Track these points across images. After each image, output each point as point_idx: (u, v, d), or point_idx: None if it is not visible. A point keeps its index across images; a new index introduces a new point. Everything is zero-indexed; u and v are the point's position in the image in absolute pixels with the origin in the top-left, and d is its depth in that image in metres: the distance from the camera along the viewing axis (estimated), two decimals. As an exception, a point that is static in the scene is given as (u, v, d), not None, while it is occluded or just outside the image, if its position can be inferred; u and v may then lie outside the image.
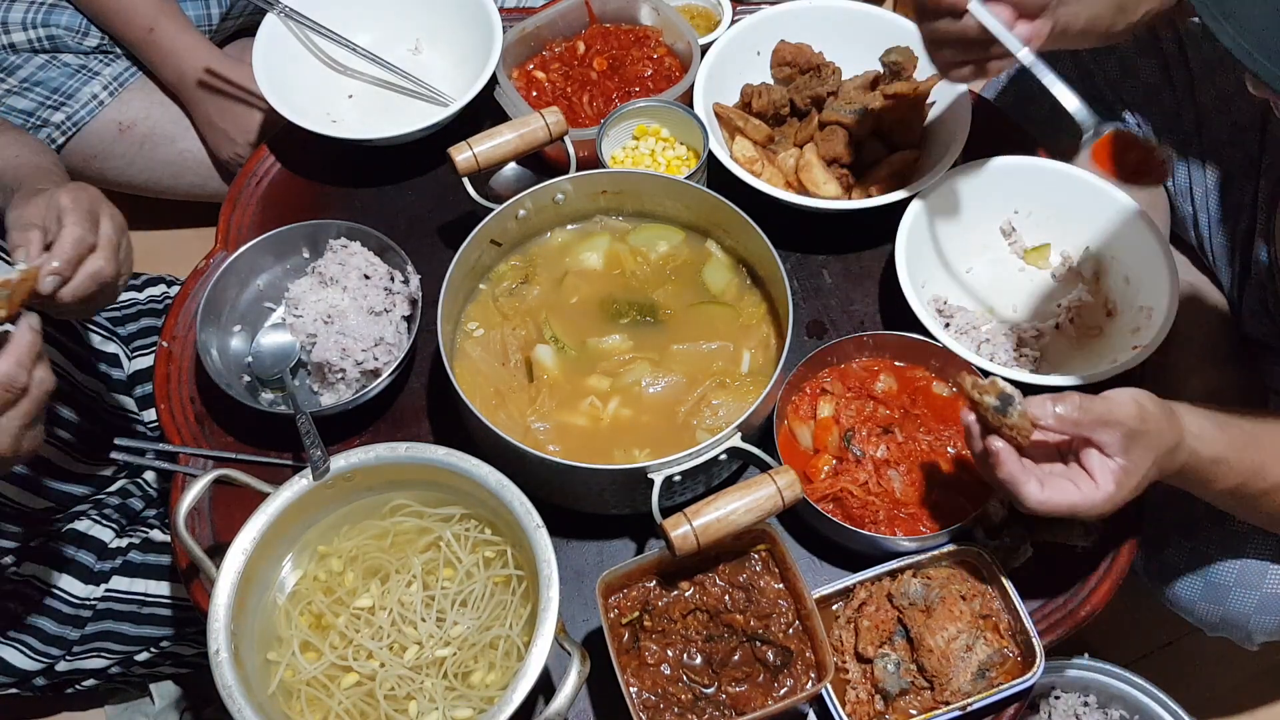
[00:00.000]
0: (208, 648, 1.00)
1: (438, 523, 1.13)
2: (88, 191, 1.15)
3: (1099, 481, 1.02)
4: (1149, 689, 1.50)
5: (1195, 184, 1.55)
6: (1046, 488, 1.03)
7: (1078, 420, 1.02)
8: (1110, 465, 1.02)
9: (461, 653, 1.06)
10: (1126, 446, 1.02)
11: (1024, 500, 1.03)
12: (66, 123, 1.84)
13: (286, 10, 1.56)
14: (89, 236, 1.11)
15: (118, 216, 1.17)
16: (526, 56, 1.57)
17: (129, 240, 1.19)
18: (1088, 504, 1.02)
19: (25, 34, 1.82)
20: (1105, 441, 1.02)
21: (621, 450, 1.19)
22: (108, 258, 1.13)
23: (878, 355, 1.28)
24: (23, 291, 1.06)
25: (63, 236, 1.09)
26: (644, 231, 1.34)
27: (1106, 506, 1.03)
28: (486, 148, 1.30)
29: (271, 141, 1.56)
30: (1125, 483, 1.02)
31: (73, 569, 1.43)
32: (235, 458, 1.28)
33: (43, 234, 1.10)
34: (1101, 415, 1.01)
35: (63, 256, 1.09)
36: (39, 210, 1.12)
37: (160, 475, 1.54)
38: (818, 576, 1.20)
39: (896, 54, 1.47)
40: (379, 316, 1.31)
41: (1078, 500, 1.02)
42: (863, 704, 1.11)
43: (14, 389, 0.99)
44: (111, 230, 1.14)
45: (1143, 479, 1.04)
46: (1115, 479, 1.02)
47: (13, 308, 1.06)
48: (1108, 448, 1.02)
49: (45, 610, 1.42)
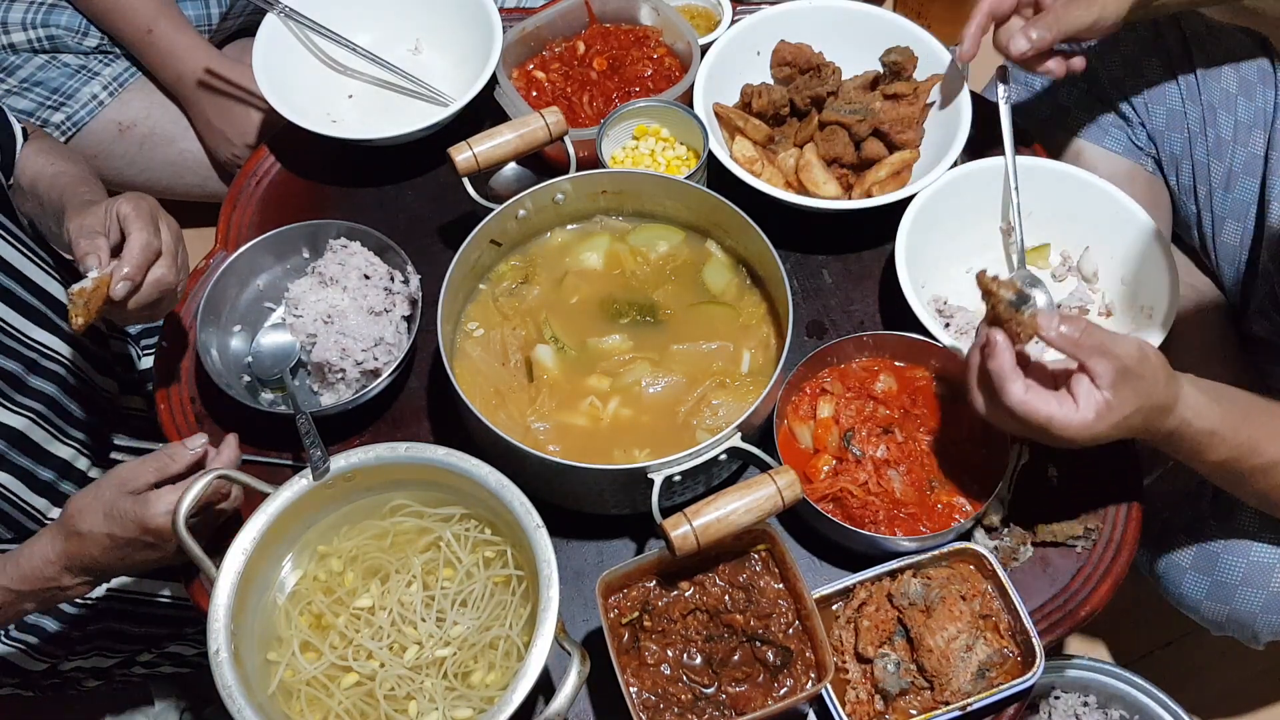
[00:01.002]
0: (208, 648, 1.00)
1: (438, 523, 1.13)
2: (147, 200, 1.18)
3: (1080, 406, 1.02)
4: (1149, 689, 1.50)
5: (1199, 183, 1.55)
6: (1030, 392, 1.03)
7: (1077, 341, 1.02)
8: (1096, 395, 1.02)
9: (461, 653, 1.06)
10: (1116, 382, 1.02)
11: (1007, 395, 1.03)
12: (66, 123, 1.84)
13: (286, 10, 1.56)
14: (155, 242, 1.14)
15: (174, 225, 1.20)
16: (526, 56, 1.57)
17: (185, 248, 1.22)
18: (1063, 422, 1.02)
19: (25, 34, 1.82)
20: (1098, 371, 1.02)
21: (621, 450, 1.19)
22: (169, 265, 1.16)
23: (878, 355, 1.28)
24: (98, 299, 1.09)
25: (131, 243, 1.12)
26: (644, 231, 1.34)
27: (1080, 434, 1.02)
28: (486, 148, 1.30)
29: (271, 141, 1.56)
30: (1105, 417, 1.02)
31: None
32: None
33: (107, 240, 1.12)
34: (1101, 344, 1.02)
35: (133, 262, 1.11)
36: (100, 219, 1.15)
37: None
38: (818, 576, 1.20)
39: (896, 54, 1.47)
40: (379, 316, 1.31)
41: (1055, 414, 1.02)
42: (863, 704, 1.11)
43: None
44: (170, 238, 1.18)
45: (1123, 421, 1.03)
46: (1096, 409, 1.02)
47: (89, 315, 1.08)
48: (1099, 378, 1.02)
49: (47, 610, 1.42)
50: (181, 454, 1.12)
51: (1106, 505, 1.23)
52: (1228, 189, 1.53)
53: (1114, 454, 1.26)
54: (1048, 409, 1.03)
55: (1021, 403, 1.03)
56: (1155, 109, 1.57)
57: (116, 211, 1.14)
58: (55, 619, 1.41)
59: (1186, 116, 1.54)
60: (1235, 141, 1.51)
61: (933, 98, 1.46)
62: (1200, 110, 1.53)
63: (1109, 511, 1.23)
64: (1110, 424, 1.03)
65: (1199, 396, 1.08)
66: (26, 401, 1.34)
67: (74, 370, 1.41)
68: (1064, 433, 1.03)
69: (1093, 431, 1.03)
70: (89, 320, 1.08)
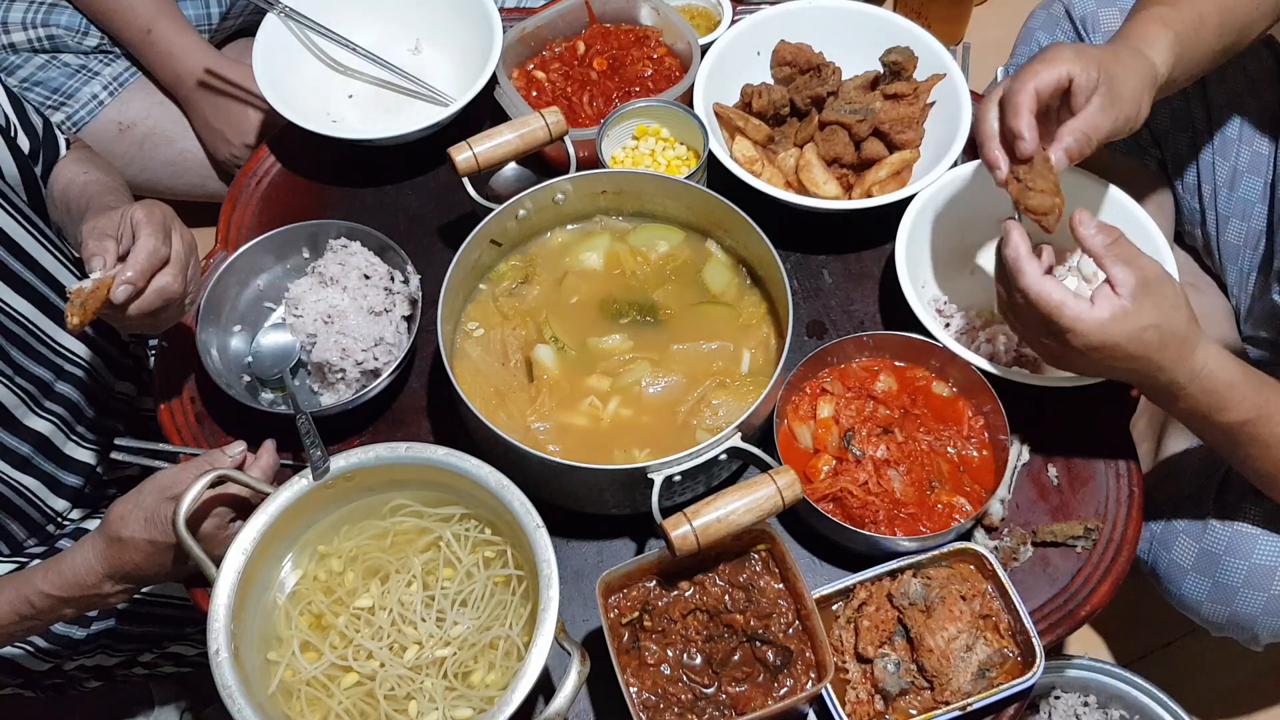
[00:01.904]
0: (208, 648, 1.00)
1: (438, 523, 1.13)
2: (161, 208, 1.18)
3: (1095, 304, 1.02)
4: (1149, 689, 1.50)
5: (1204, 181, 1.56)
6: (1045, 277, 1.03)
7: (1107, 244, 1.03)
8: (1114, 299, 1.02)
9: (461, 653, 1.06)
10: (1136, 293, 1.02)
11: (1023, 276, 1.03)
12: (66, 123, 1.84)
13: (286, 10, 1.56)
14: (163, 250, 1.14)
15: (188, 235, 1.20)
16: (526, 56, 1.57)
17: (198, 259, 1.22)
18: (1074, 312, 1.02)
19: (25, 34, 1.82)
20: (1120, 279, 1.02)
21: (621, 450, 1.19)
22: (175, 274, 1.15)
23: (878, 355, 1.28)
24: (96, 300, 1.08)
25: (137, 248, 1.12)
26: (644, 231, 1.34)
27: (1092, 332, 1.02)
28: (486, 148, 1.30)
29: (271, 141, 1.56)
30: (1120, 321, 1.01)
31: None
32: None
33: (117, 245, 1.12)
34: (1129, 254, 1.03)
35: (136, 267, 1.11)
36: (113, 222, 1.15)
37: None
38: (818, 576, 1.20)
39: (896, 54, 1.47)
40: (379, 316, 1.31)
41: (1069, 301, 1.02)
42: (863, 704, 1.11)
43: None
44: (182, 248, 1.17)
45: (1139, 332, 1.02)
46: (1111, 311, 1.02)
47: (86, 316, 1.08)
48: (1120, 285, 1.02)
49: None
50: (221, 460, 1.13)
51: (1106, 505, 1.23)
52: (1232, 188, 1.53)
53: (1114, 453, 1.26)
54: (1061, 294, 1.02)
55: (1036, 282, 1.02)
56: (1160, 108, 1.57)
57: (130, 217, 1.14)
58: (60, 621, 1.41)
59: (1192, 116, 1.54)
60: (1241, 140, 1.51)
61: (933, 98, 1.46)
62: (1206, 109, 1.53)
63: (1109, 511, 1.23)
64: (1125, 331, 1.01)
65: (1220, 350, 1.07)
66: (52, 406, 1.35)
67: (95, 375, 1.42)
68: (1075, 324, 1.01)
69: (1106, 333, 1.01)
70: (84, 321, 1.07)
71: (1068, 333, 1.03)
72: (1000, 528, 1.22)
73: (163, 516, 1.09)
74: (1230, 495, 1.35)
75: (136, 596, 1.46)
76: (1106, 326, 1.01)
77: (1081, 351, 1.03)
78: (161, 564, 1.13)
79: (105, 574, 1.14)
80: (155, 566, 1.13)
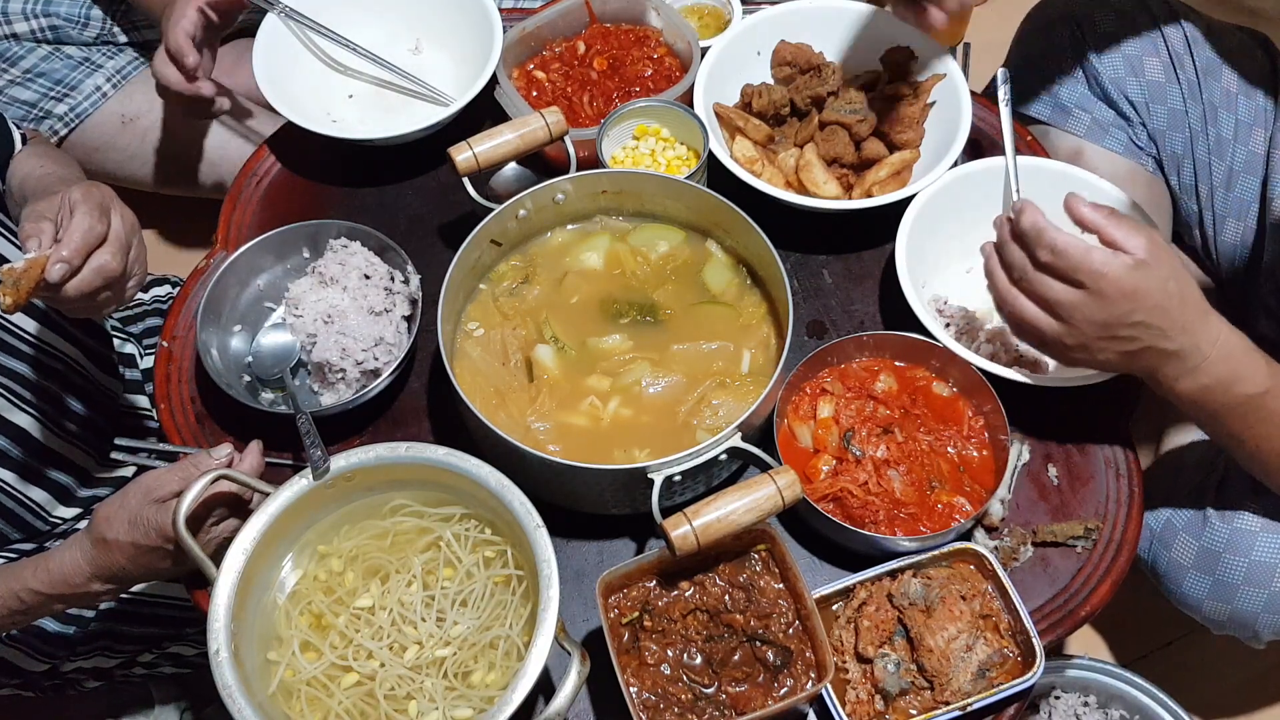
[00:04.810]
0: (208, 648, 1.00)
1: (438, 523, 1.13)
2: (100, 189, 1.17)
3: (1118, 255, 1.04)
4: (1149, 689, 1.50)
5: (1201, 181, 1.56)
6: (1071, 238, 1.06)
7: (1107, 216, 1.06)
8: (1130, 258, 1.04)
9: (461, 653, 1.06)
10: (1151, 249, 1.05)
11: (1046, 232, 1.06)
12: (69, 114, 1.84)
13: (286, 10, 1.56)
14: (98, 227, 1.12)
15: (129, 215, 1.18)
16: (526, 56, 1.57)
17: (142, 241, 1.20)
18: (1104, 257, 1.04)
19: (27, 24, 1.82)
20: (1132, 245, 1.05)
21: (621, 450, 1.19)
22: (114, 253, 1.13)
23: (878, 355, 1.28)
24: (30, 280, 1.07)
25: (71, 226, 1.10)
26: (644, 231, 1.34)
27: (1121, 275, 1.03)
28: (486, 148, 1.30)
29: (271, 141, 1.56)
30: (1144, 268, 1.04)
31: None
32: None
33: (54, 226, 1.11)
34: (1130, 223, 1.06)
35: (71, 246, 1.09)
36: (52, 205, 1.14)
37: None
38: (818, 576, 1.20)
39: (896, 54, 1.47)
40: (379, 316, 1.31)
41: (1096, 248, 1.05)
42: (863, 704, 1.11)
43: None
44: (121, 227, 1.15)
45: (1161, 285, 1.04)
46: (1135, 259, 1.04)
47: (20, 296, 1.06)
48: (1135, 250, 1.05)
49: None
50: (206, 463, 1.12)
51: (1106, 505, 1.23)
52: (1229, 188, 1.53)
53: (1114, 452, 1.26)
54: (1088, 244, 1.04)
55: (1063, 235, 1.04)
56: (1156, 108, 1.57)
57: (68, 198, 1.13)
58: (57, 620, 1.41)
59: (1188, 115, 1.55)
60: (1236, 140, 1.52)
61: (933, 98, 1.46)
62: (1201, 109, 1.53)
63: (1109, 511, 1.23)
64: (1151, 276, 1.03)
65: (1234, 329, 1.09)
66: (32, 399, 1.34)
67: (78, 369, 1.41)
68: (1106, 268, 1.02)
69: (1134, 277, 1.02)
70: (19, 301, 1.06)
71: (1101, 278, 1.04)
72: (1000, 528, 1.22)
73: (145, 519, 1.09)
74: (1230, 492, 1.35)
75: (136, 597, 1.46)
76: (1134, 271, 1.03)
77: (1115, 293, 1.04)
78: (146, 565, 1.12)
79: (92, 574, 1.14)
80: (140, 568, 1.13)
